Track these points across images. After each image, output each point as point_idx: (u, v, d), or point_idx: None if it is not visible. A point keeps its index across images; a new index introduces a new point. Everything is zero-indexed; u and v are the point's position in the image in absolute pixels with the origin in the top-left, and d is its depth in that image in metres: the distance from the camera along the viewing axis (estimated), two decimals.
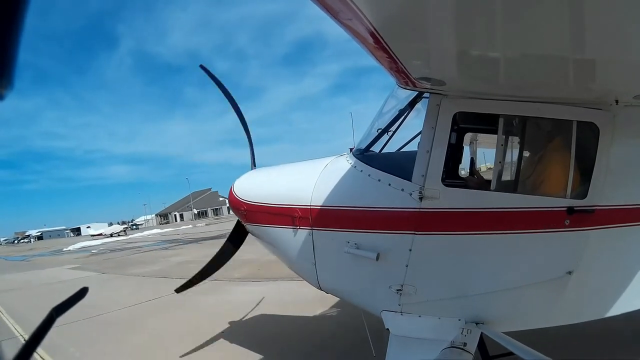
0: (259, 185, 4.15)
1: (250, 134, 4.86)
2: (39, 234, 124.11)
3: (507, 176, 3.57)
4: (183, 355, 5.46)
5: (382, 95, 3.75)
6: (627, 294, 2.99)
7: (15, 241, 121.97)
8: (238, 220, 4.56)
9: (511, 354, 2.68)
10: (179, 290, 5.22)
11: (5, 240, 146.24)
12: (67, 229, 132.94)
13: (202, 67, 4.81)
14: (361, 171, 3.31)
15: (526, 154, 3.33)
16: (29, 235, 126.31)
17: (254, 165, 4.70)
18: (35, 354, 0.94)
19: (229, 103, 4.80)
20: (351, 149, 3.85)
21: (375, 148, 3.66)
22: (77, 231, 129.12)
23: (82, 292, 1.11)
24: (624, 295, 2.99)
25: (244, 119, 4.86)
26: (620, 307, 3.01)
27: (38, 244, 78.05)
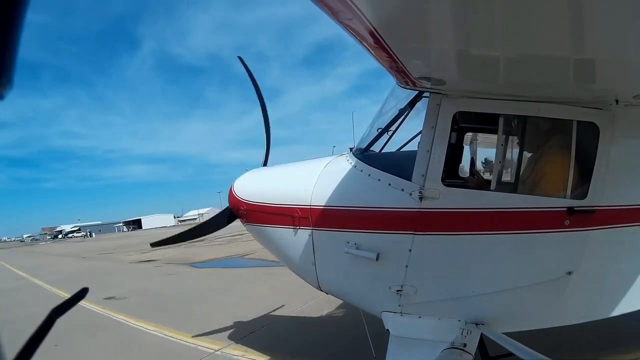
0: (259, 185, 4.13)
1: (270, 133, 4.81)
2: (76, 228, 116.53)
3: (507, 176, 3.56)
4: None
5: None
6: (627, 295, 2.98)
7: (59, 235, 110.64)
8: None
9: (511, 354, 2.68)
10: (153, 244, 4.95)
11: (30, 236, 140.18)
12: (118, 223, 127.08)
13: (240, 58, 4.87)
14: (361, 171, 3.30)
15: (526, 153, 3.32)
16: (60, 231, 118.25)
17: (265, 163, 4.64)
18: None
19: (257, 98, 4.82)
20: (351, 149, 3.84)
21: (376, 148, 3.65)
22: (136, 223, 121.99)
23: (82, 292, 1.10)
24: (624, 296, 2.99)
25: (267, 116, 4.83)
26: (621, 307, 3.01)
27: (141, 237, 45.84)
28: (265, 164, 4.63)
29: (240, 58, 4.86)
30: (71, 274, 17.24)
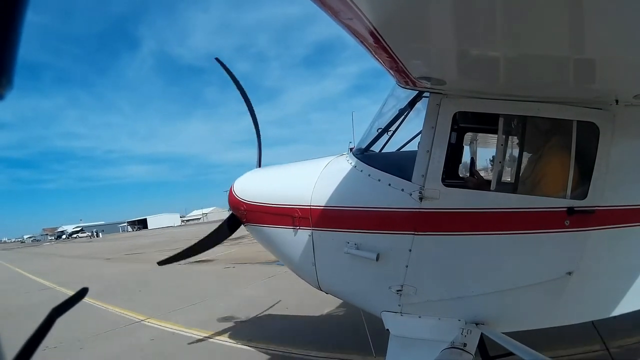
0: (259, 185, 4.13)
1: (260, 133, 4.74)
2: (78, 229, 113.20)
3: (507, 176, 3.56)
4: None
5: None
6: (627, 295, 2.98)
7: (63, 236, 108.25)
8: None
9: (511, 354, 2.68)
10: (161, 262, 4.84)
11: (31, 237, 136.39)
12: (122, 222, 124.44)
13: (217, 60, 4.71)
14: (361, 171, 3.30)
15: (526, 153, 3.32)
16: (63, 231, 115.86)
17: (259, 165, 4.61)
18: None
19: (242, 98, 4.70)
20: (351, 149, 3.84)
21: (376, 148, 3.65)
22: (141, 223, 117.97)
23: (82, 292, 1.09)
24: (623, 296, 2.99)
25: (255, 116, 4.76)
26: (620, 307, 3.00)
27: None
28: (259, 165, 4.57)
29: (218, 60, 4.67)
30: (115, 282, 12.85)
